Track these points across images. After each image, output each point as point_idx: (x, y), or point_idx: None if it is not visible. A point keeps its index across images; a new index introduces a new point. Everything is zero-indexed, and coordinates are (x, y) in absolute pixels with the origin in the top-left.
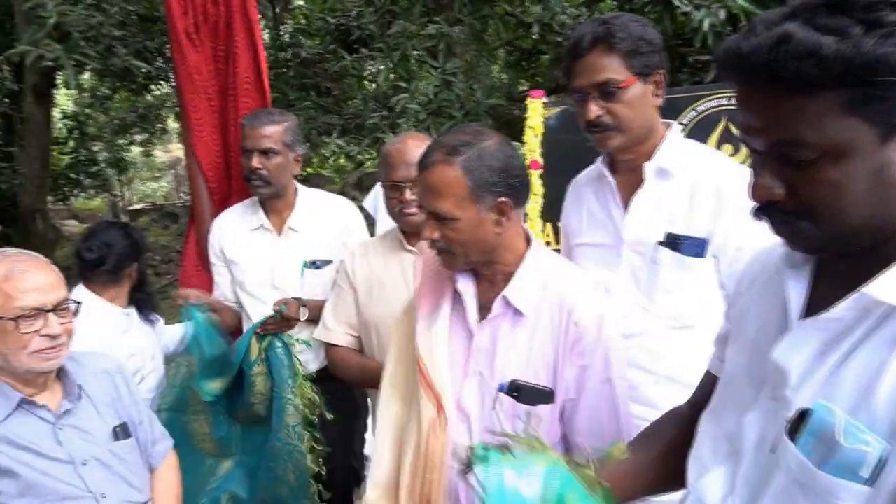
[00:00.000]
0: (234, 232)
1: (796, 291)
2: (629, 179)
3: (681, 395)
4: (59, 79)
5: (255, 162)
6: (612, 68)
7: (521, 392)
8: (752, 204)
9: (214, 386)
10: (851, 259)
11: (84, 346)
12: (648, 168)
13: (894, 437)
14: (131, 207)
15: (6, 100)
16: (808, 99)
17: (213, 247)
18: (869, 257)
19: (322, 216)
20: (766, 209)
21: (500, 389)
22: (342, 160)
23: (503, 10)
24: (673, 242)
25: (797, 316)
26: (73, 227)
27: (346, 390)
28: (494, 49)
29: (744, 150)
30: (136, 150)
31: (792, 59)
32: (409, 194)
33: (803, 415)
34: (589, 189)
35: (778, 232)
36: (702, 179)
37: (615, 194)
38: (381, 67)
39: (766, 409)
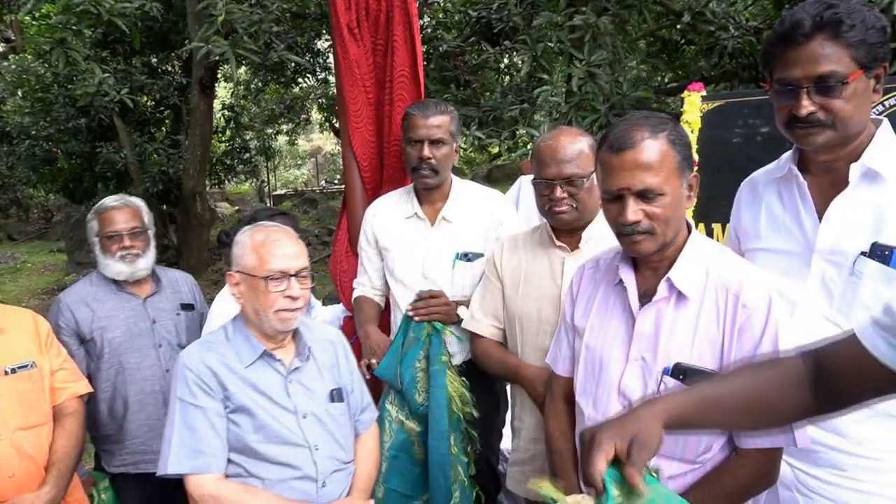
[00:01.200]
0: (388, 219)
1: None
2: (824, 181)
3: (869, 425)
4: (220, 73)
5: (426, 151)
6: (836, 59)
7: (686, 375)
8: None
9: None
10: None
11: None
12: (854, 169)
13: None
14: (275, 192)
15: (176, 92)
16: None
17: (366, 233)
18: None
19: (476, 208)
20: None
21: (666, 373)
22: (472, 153)
23: None
24: (881, 254)
25: None
26: (224, 208)
27: (489, 383)
28: (636, 40)
29: None
30: (281, 140)
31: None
32: (559, 192)
33: None
34: (770, 189)
35: None
36: None
37: (806, 197)
38: (523, 59)
39: None
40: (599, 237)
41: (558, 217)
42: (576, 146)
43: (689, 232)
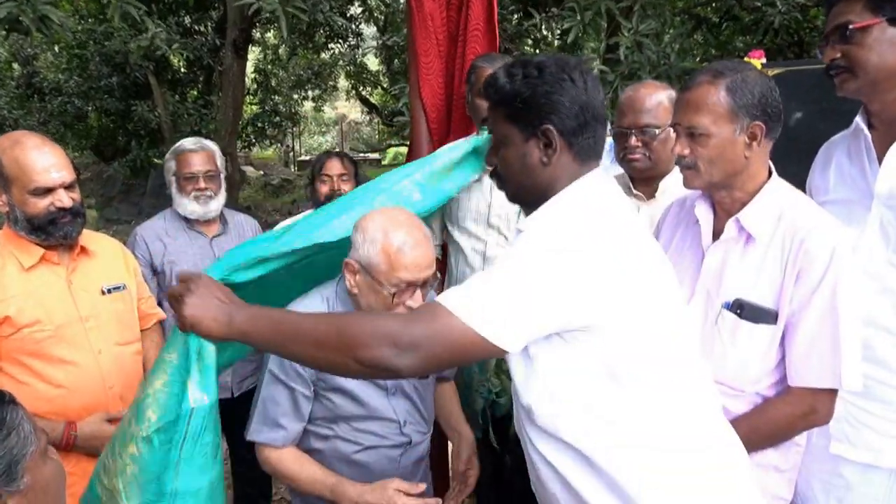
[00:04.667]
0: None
1: None
2: (884, 133)
3: None
4: (257, 32)
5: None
6: (851, 10)
7: (743, 309)
8: None
9: None
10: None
11: None
12: None
13: None
14: (300, 158)
15: (209, 53)
16: (494, 110)
17: None
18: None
19: None
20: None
21: (725, 306)
22: None
23: None
24: None
25: None
26: (251, 172)
27: None
28: (674, 16)
29: None
30: (307, 106)
31: (488, 88)
32: (633, 140)
33: None
34: (841, 146)
35: None
36: None
37: (870, 149)
38: (569, 26)
39: None
40: (675, 189)
41: (632, 164)
42: (654, 98)
43: (770, 177)
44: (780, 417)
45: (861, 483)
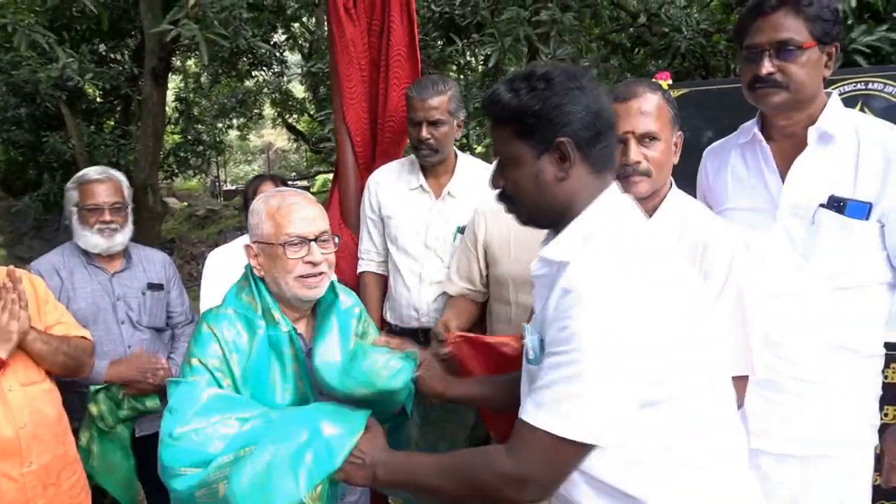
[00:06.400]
0: (393, 189)
1: None
2: (784, 145)
3: (832, 357)
4: (177, 60)
5: (424, 133)
6: (795, 29)
7: None
8: None
9: None
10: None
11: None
12: (812, 132)
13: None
14: (225, 189)
15: (126, 82)
16: (499, 128)
17: (370, 201)
18: (554, 232)
19: (479, 184)
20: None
21: None
22: None
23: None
24: (837, 205)
25: None
26: (174, 203)
27: None
28: (590, 42)
29: None
30: (232, 135)
31: (491, 106)
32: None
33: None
34: (735, 155)
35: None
36: (868, 143)
37: (769, 159)
38: (489, 52)
39: None
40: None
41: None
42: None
43: (671, 187)
44: None
45: (775, 473)
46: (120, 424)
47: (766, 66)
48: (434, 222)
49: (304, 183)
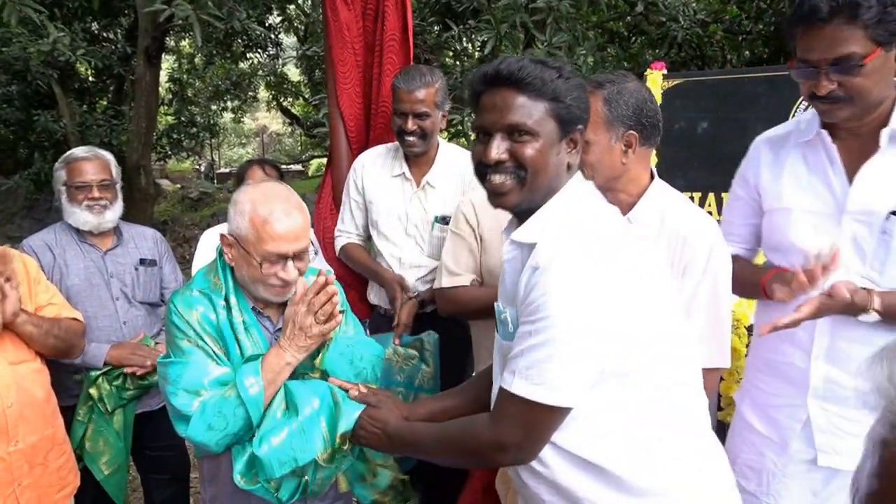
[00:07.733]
0: (376, 175)
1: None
2: (852, 145)
3: None
4: (170, 41)
5: (410, 124)
6: (854, 40)
7: None
8: None
9: None
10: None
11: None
12: (884, 134)
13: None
14: (219, 171)
15: (119, 61)
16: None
17: (355, 183)
18: (517, 218)
19: (458, 172)
20: (496, 166)
21: None
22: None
23: None
24: None
25: None
26: (167, 185)
27: (460, 328)
28: (587, 30)
29: None
30: (227, 117)
31: (535, 78)
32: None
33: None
34: (795, 152)
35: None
36: None
37: (835, 160)
38: (486, 39)
39: None
40: None
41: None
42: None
43: (652, 180)
44: None
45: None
46: (120, 409)
47: (826, 86)
48: (413, 211)
49: (299, 167)
